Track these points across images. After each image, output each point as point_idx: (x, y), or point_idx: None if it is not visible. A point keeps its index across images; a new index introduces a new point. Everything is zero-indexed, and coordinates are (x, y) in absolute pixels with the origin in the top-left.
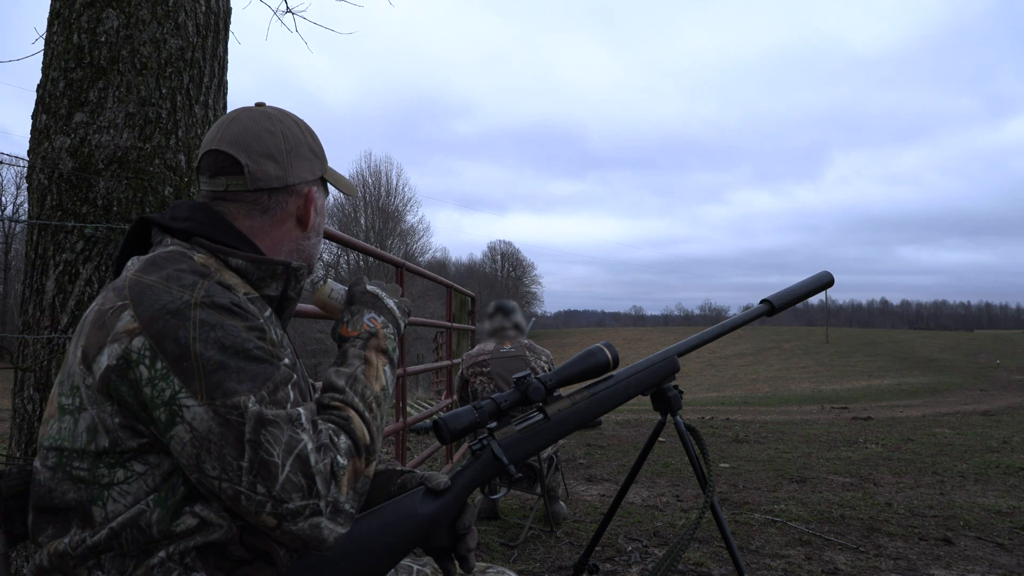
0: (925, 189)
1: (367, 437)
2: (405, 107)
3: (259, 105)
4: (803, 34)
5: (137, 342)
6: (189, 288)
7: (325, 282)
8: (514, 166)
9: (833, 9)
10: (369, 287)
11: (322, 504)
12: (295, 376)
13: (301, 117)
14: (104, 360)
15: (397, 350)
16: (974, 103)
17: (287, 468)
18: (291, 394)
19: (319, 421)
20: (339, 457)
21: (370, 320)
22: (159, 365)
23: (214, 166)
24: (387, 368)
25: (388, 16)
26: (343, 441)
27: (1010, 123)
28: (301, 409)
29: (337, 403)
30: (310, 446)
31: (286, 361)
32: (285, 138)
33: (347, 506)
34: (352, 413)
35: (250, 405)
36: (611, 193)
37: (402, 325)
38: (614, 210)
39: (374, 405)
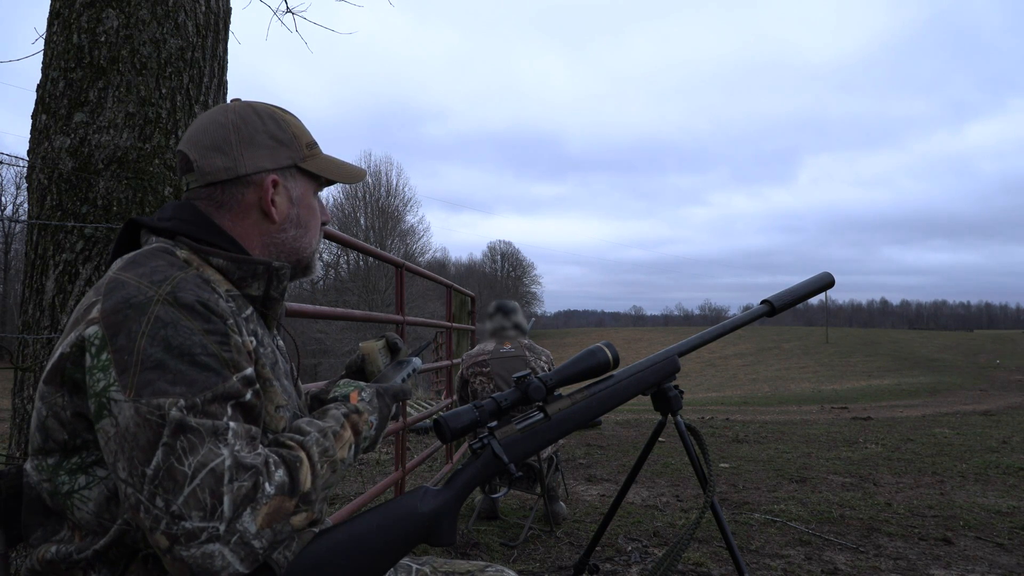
0: (900, 192)
1: (307, 485)
2: (376, 113)
3: (234, 101)
4: (756, 45)
5: (91, 330)
6: (157, 284)
7: (394, 350)
8: (494, 170)
9: (780, 22)
10: (395, 384)
11: (222, 528)
12: (247, 394)
13: (281, 107)
14: (59, 349)
15: (369, 441)
16: (935, 108)
17: (195, 481)
18: (228, 411)
19: (260, 446)
20: (267, 485)
21: (368, 404)
22: (104, 356)
23: (180, 167)
24: (352, 448)
25: (353, 25)
26: (279, 474)
27: (971, 127)
28: (232, 423)
29: (293, 443)
30: (228, 463)
31: (246, 372)
32: (236, 128)
33: (256, 542)
34: (304, 456)
35: (173, 410)
36: (592, 195)
37: (383, 428)
38: (597, 212)
39: (327, 465)
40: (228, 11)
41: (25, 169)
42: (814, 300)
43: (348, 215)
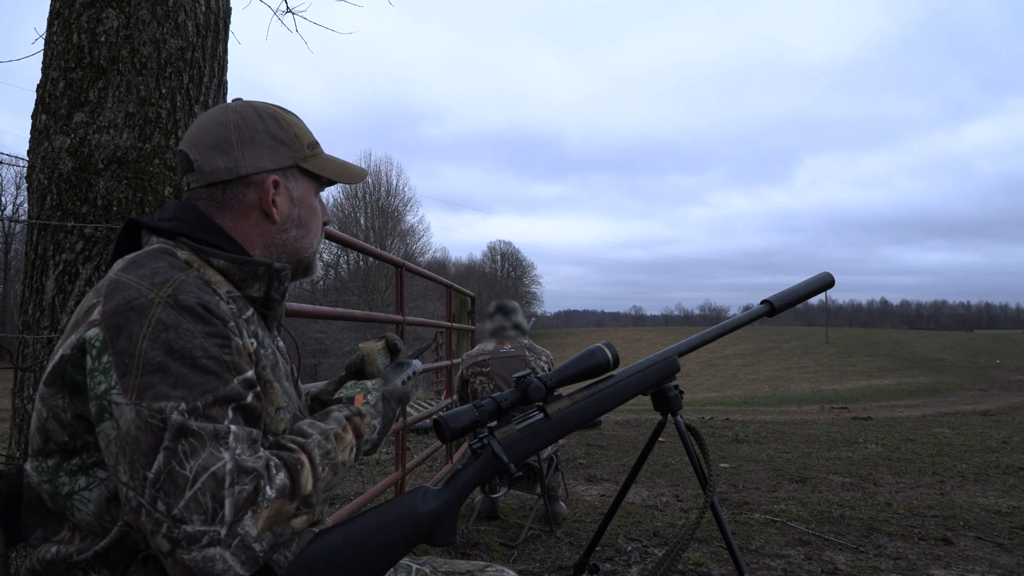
0: (898, 192)
1: (308, 488)
2: (375, 113)
3: (235, 101)
4: (754, 45)
5: (92, 332)
6: (158, 286)
7: (394, 350)
8: (494, 170)
9: (777, 22)
10: (397, 386)
11: (224, 532)
12: (248, 397)
13: (283, 107)
14: (59, 350)
15: (371, 444)
16: (932, 108)
17: (197, 485)
18: (229, 414)
19: (262, 449)
20: (268, 488)
21: (373, 407)
22: (105, 358)
23: (180, 167)
24: (353, 451)
25: (353, 25)
26: (280, 477)
27: (969, 128)
28: (233, 427)
29: (294, 446)
30: (229, 466)
31: (247, 375)
32: (237, 127)
33: (256, 545)
34: (305, 459)
35: (174, 414)
36: (591, 195)
37: (387, 429)
38: (596, 212)
39: (329, 467)
40: (228, 11)
41: (25, 169)
42: (814, 300)
43: (348, 215)
